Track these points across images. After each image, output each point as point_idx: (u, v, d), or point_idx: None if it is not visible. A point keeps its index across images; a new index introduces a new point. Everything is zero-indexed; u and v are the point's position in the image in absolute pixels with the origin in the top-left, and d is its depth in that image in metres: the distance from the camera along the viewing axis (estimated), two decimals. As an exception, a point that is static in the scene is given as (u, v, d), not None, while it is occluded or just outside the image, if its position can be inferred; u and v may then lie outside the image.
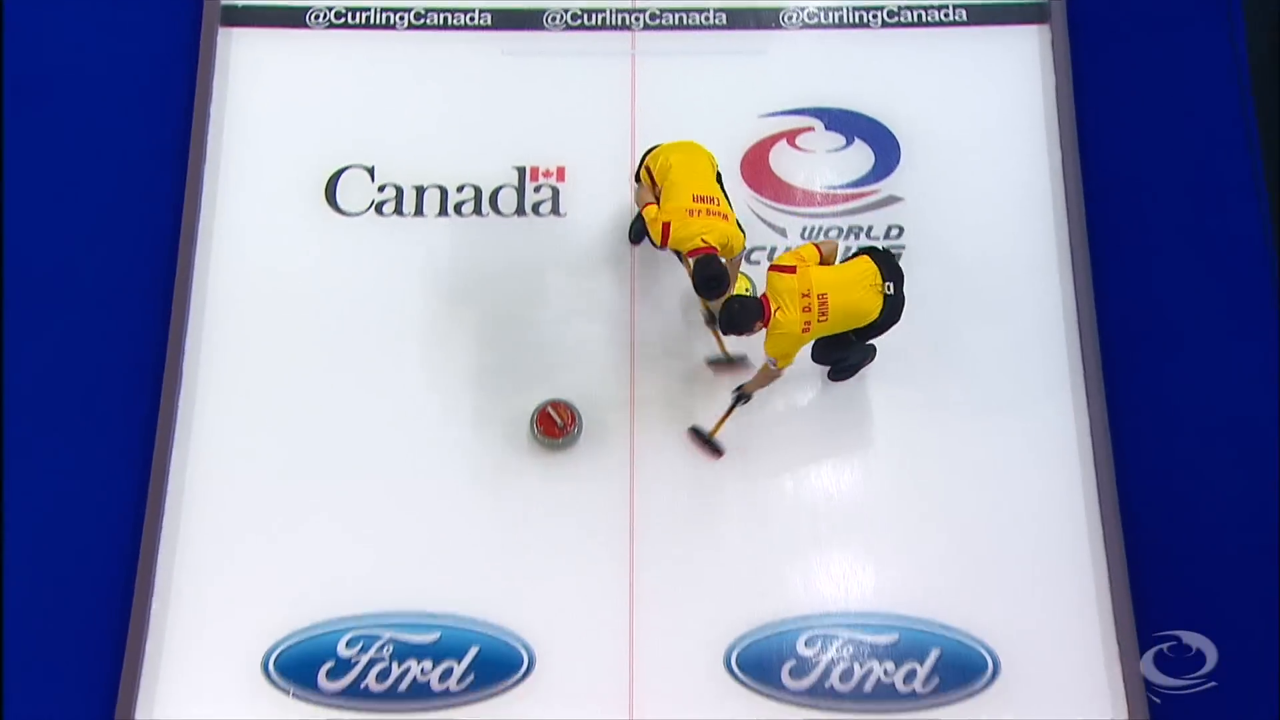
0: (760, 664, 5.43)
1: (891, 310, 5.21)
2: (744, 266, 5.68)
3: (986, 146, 6.20)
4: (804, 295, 5.04)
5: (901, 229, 6.10)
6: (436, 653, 5.40)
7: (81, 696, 5.30)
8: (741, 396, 5.52)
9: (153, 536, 5.48)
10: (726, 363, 5.70)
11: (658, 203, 5.30)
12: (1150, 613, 5.32)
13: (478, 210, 6.17)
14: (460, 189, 6.19)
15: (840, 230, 6.08)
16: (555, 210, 6.17)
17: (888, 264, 5.26)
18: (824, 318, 5.08)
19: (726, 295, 5.22)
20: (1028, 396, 5.78)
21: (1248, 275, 5.97)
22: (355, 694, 5.34)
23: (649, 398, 5.74)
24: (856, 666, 5.43)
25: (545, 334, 5.86)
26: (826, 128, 6.29)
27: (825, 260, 5.26)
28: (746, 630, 5.46)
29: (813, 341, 5.32)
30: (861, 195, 6.20)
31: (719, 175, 5.49)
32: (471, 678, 5.39)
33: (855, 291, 5.14)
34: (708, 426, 5.56)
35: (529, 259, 6.02)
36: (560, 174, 6.24)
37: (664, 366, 5.83)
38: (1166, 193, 6.12)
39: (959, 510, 5.63)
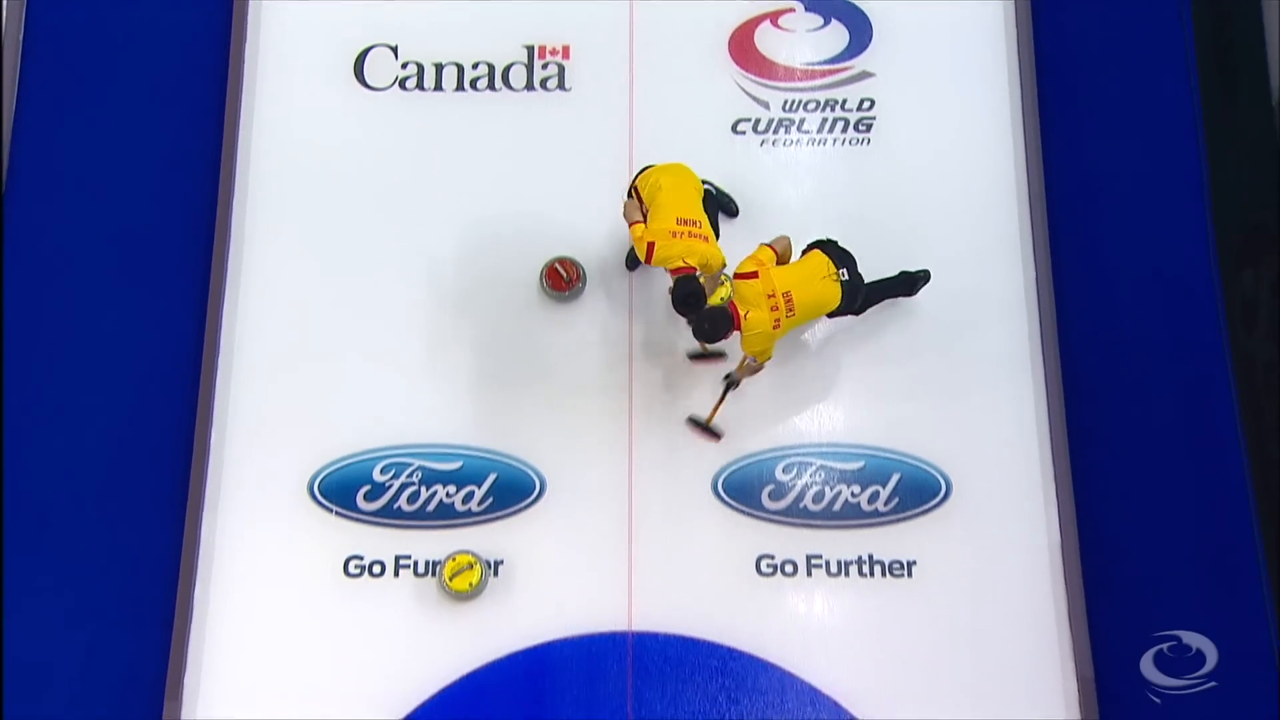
0: (743, 488, 6.09)
1: (851, 294, 5.60)
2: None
3: (953, 30, 6.74)
4: (770, 296, 5.38)
5: (873, 101, 6.63)
6: (459, 478, 6.06)
7: (152, 514, 6.02)
8: (731, 383, 5.81)
9: (210, 376, 6.12)
10: (704, 356, 6.01)
11: (644, 221, 5.57)
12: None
13: (490, 85, 6.71)
14: (474, 66, 6.72)
15: (818, 103, 6.62)
16: (561, 86, 6.73)
17: (838, 253, 5.64)
18: (791, 313, 5.43)
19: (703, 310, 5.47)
20: (979, 258, 6.40)
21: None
22: (389, 513, 6.00)
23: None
24: (827, 489, 6.10)
25: (553, 197, 6.43)
26: (806, 9, 6.80)
27: (781, 258, 5.59)
28: (731, 459, 6.11)
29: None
30: (837, 71, 6.73)
31: (707, 194, 5.79)
32: (490, 500, 6.05)
33: (815, 284, 5.51)
34: (703, 415, 5.99)
35: (537, 130, 6.59)
36: (565, 52, 6.78)
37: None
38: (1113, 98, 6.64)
39: (918, 354, 6.28)
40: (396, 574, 5.89)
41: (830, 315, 5.70)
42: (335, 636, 5.78)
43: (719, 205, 6.03)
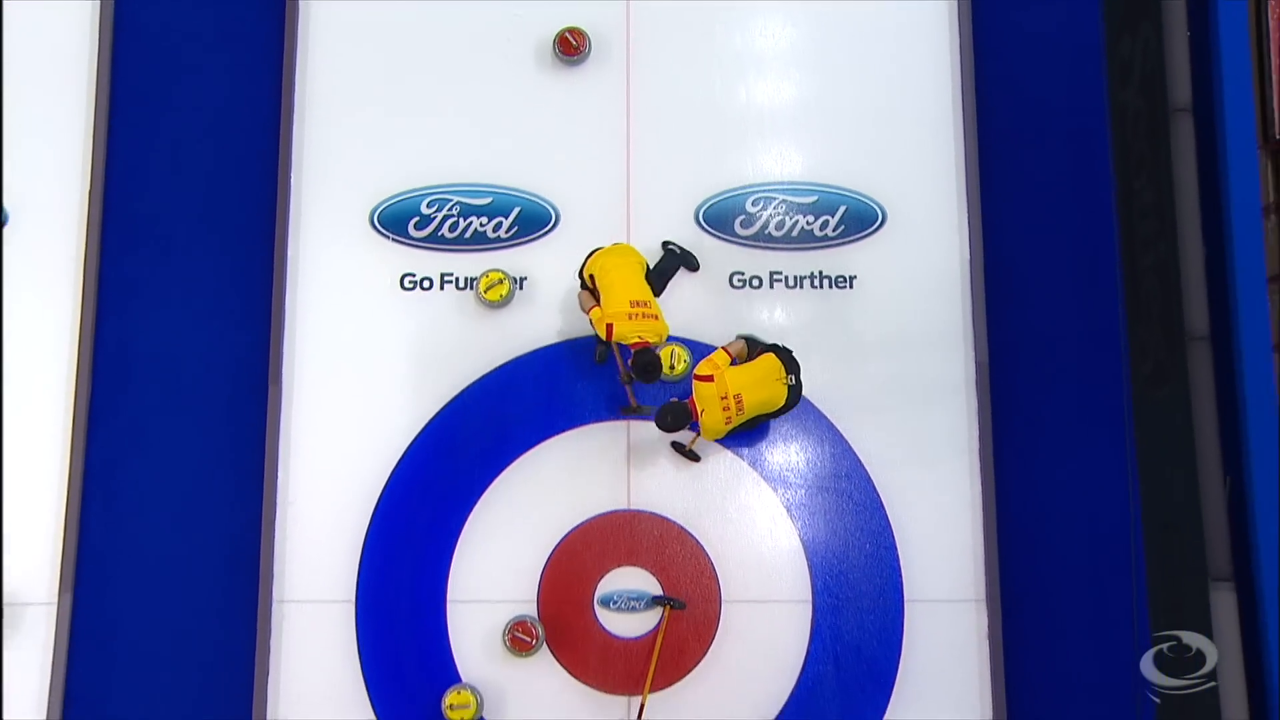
0: (719, 218, 7.00)
1: (793, 398, 6.08)
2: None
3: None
4: (723, 399, 5.83)
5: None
6: (490, 211, 7.00)
7: (249, 238, 6.97)
8: (688, 453, 6.46)
9: (288, 127, 6.97)
10: (636, 410, 6.52)
11: (598, 304, 6.05)
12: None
13: None
14: None
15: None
16: None
17: (789, 359, 6.11)
18: (741, 412, 5.88)
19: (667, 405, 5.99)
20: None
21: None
22: (434, 239, 6.96)
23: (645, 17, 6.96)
24: (787, 219, 7.02)
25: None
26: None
27: (736, 358, 6.06)
28: (710, 194, 7.00)
29: None
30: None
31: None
32: (516, 229, 6.98)
33: (765, 387, 5.96)
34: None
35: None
36: None
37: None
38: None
39: (862, 103, 7.11)
40: (442, 288, 6.86)
41: (771, 415, 6.15)
42: (395, 337, 6.77)
43: (682, 261, 6.62)
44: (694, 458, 6.47)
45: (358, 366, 6.71)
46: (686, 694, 6.44)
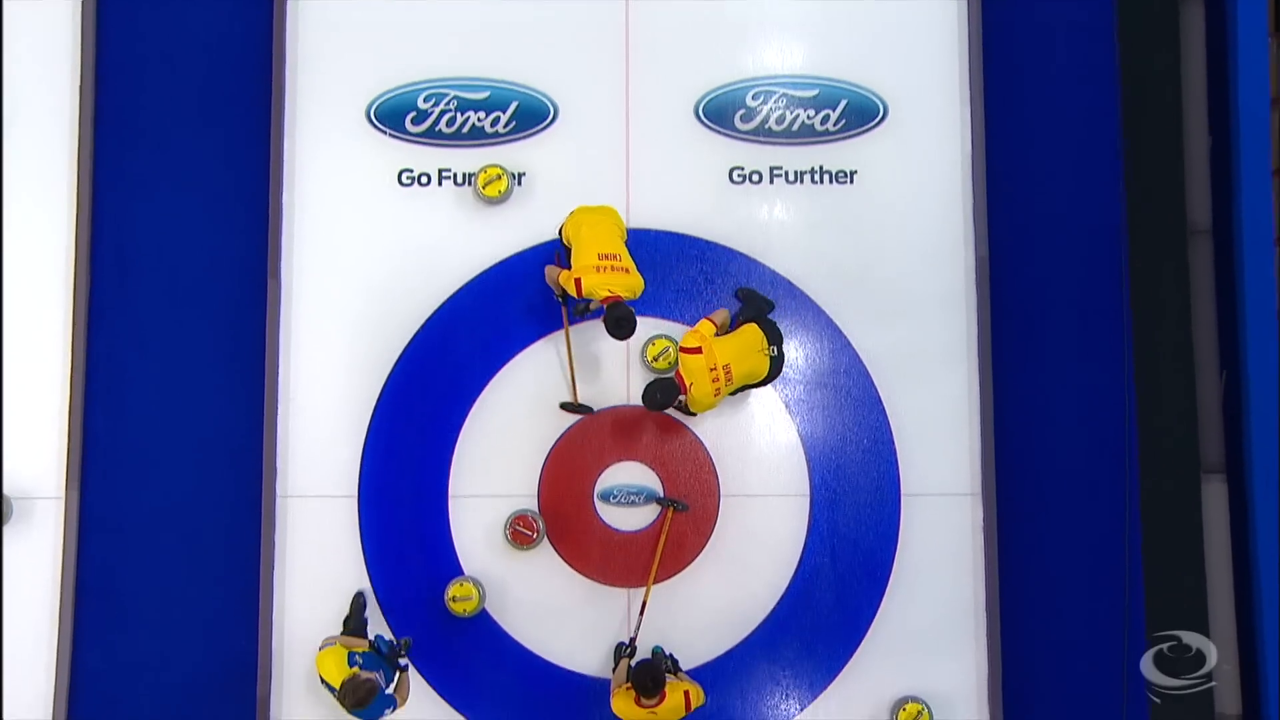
0: (719, 112, 6.90)
1: (775, 369, 5.96)
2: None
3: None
4: (711, 369, 5.68)
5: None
6: (488, 106, 6.87)
7: (242, 134, 6.88)
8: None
9: (280, 21, 6.83)
10: (576, 408, 6.43)
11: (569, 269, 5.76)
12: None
13: None
14: None
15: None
16: None
17: (771, 330, 5.99)
18: (730, 381, 5.73)
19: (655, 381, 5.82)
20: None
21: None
22: (432, 134, 6.87)
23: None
24: (787, 113, 6.95)
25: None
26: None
27: (720, 328, 5.90)
28: (710, 88, 6.89)
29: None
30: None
31: (625, 236, 6.02)
32: (514, 124, 6.87)
33: (749, 358, 5.80)
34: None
35: None
36: None
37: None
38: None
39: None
40: (440, 184, 6.78)
41: (753, 386, 6.04)
42: (394, 234, 6.73)
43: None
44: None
45: (357, 262, 6.69)
46: (685, 587, 6.50)
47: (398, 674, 5.60)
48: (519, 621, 6.48)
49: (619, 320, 5.64)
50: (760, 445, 6.59)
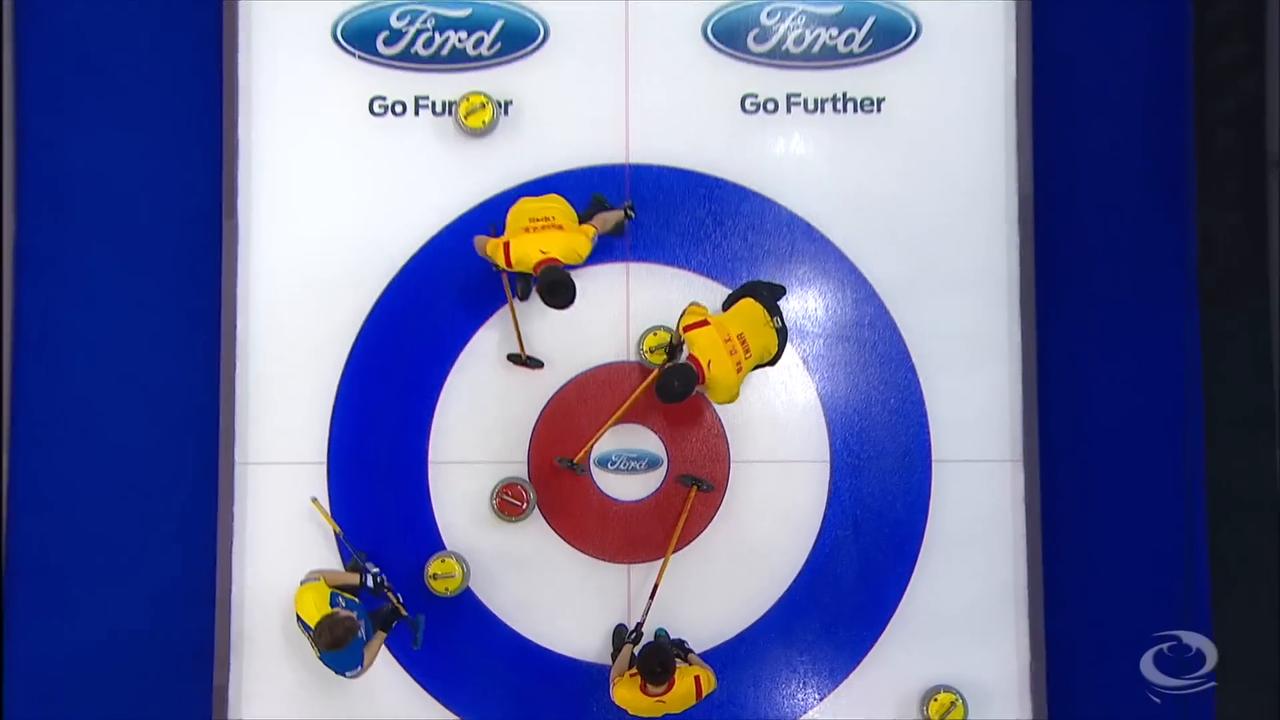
0: (730, 32, 6.35)
1: (783, 341, 5.54)
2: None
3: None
4: (726, 341, 5.20)
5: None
6: (470, 24, 6.29)
7: (194, 55, 6.29)
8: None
9: None
10: (524, 362, 6.04)
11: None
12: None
13: None
14: None
15: None
16: None
17: (769, 301, 5.56)
18: (748, 354, 5.26)
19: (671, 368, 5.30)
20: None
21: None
22: (407, 57, 6.28)
23: None
24: (807, 33, 6.39)
25: None
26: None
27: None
28: (720, 5, 6.31)
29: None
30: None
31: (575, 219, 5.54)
32: (499, 45, 6.33)
33: (759, 330, 5.37)
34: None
35: None
36: None
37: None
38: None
39: None
40: (416, 113, 6.25)
41: (762, 366, 5.54)
42: (365, 170, 6.22)
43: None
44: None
45: (323, 202, 6.19)
46: (691, 563, 6.12)
47: (377, 633, 5.29)
48: (507, 602, 6.10)
49: (553, 286, 5.16)
50: (775, 405, 6.15)
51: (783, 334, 5.50)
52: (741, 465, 6.18)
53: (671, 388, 5.16)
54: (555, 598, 6.09)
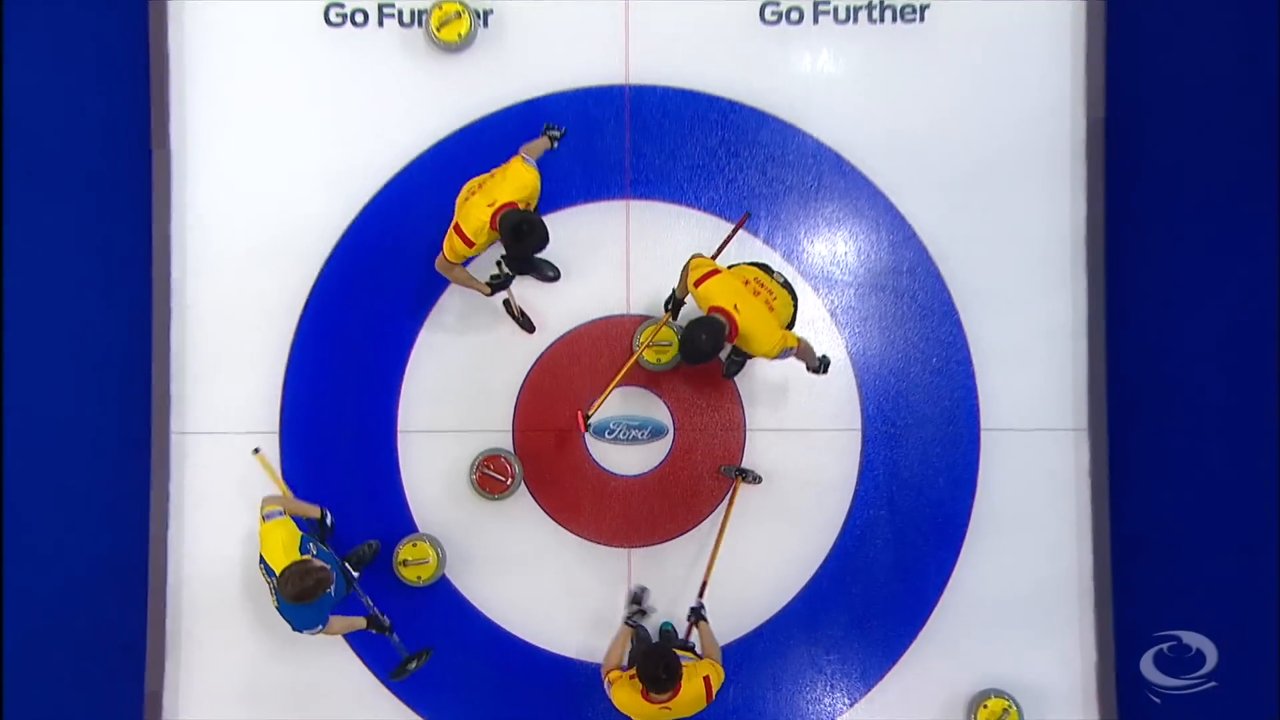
0: None
1: (795, 300, 5.10)
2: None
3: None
4: (745, 283, 4.84)
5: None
6: None
7: None
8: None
9: None
10: (518, 318, 5.65)
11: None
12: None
13: None
14: None
15: None
16: None
17: (763, 266, 5.12)
18: (772, 294, 4.88)
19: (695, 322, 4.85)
20: None
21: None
22: None
23: None
24: None
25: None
26: None
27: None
28: None
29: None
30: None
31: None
32: None
33: (770, 285, 4.96)
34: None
35: None
36: None
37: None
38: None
39: None
40: (381, 23, 5.76)
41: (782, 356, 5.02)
42: (322, 90, 5.73)
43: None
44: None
45: (271, 129, 5.69)
46: (699, 546, 5.64)
47: (348, 586, 4.93)
48: (488, 591, 5.66)
49: (516, 227, 4.72)
50: (798, 366, 5.40)
51: (791, 292, 5.11)
52: (760, 435, 5.71)
53: (699, 342, 4.69)
54: (544, 587, 5.68)
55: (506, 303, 5.56)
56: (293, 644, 5.26)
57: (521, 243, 4.75)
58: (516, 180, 4.89)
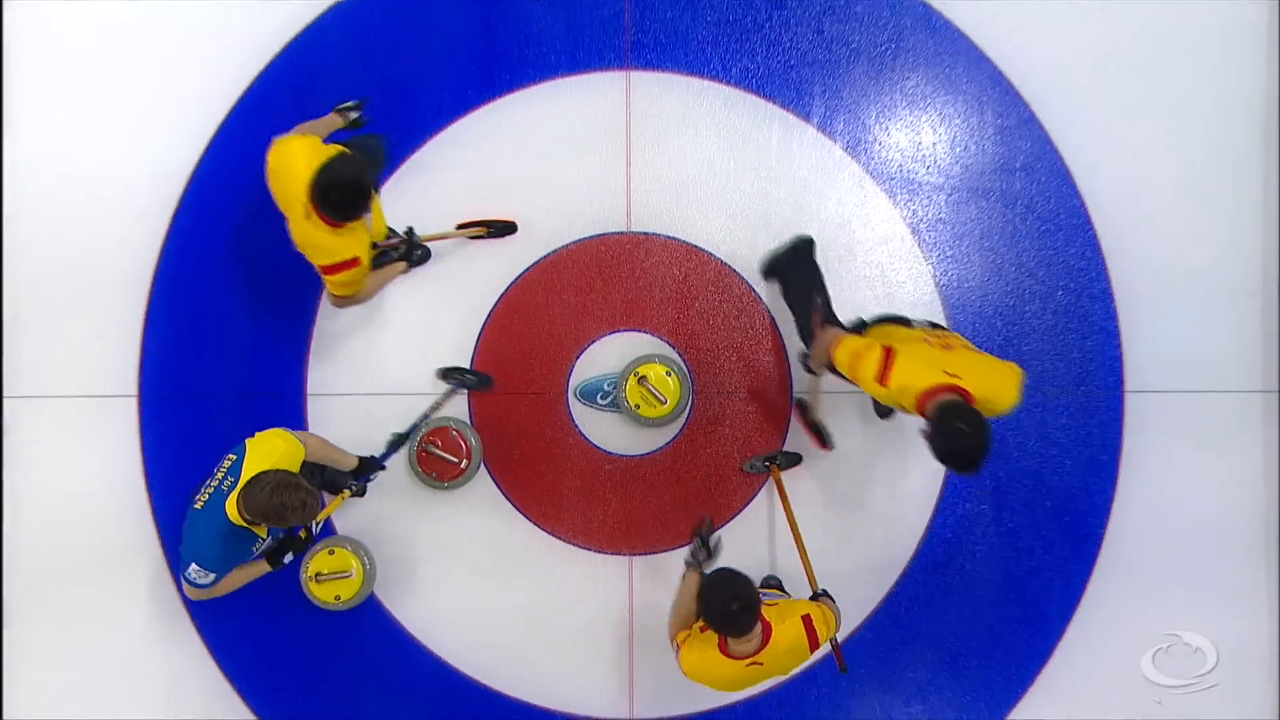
0: None
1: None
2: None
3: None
4: (926, 341, 4.10)
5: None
6: None
7: None
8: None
9: None
10: (492, 231, 4.72)
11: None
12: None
13: None
14: None
15: None
16: None
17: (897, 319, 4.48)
18: (948, 335, 4.21)
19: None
20: None
21: None
22: None
23: None
24: None
25: None
26: None
27: None
28: None
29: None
30: None
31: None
32: None
33: (927, 330, 4.25)
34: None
35: None
36: None
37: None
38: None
39: None
40: None
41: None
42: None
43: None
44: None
45: (110, 18, 4.68)
46: (751, 537, 4.67)
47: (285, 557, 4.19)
48: (433, 616, 4.71)
49: (325, 190, 3.89)
50: (865, 298, 4.76)
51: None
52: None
53: (962, 440, 3.78)
54: (512, 610, 4.77)
55: (461, 225, 4.65)
56: (137, 627, 4.64)
57: (335, 209, 3.94)
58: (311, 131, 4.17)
